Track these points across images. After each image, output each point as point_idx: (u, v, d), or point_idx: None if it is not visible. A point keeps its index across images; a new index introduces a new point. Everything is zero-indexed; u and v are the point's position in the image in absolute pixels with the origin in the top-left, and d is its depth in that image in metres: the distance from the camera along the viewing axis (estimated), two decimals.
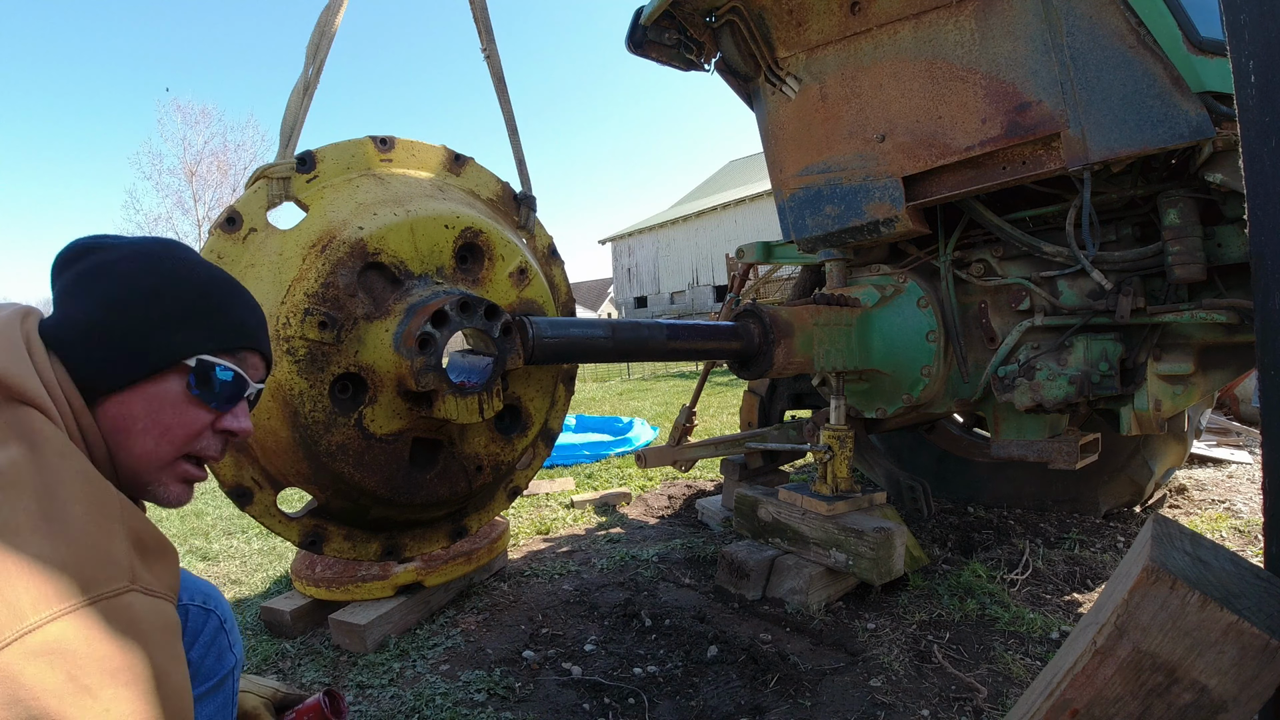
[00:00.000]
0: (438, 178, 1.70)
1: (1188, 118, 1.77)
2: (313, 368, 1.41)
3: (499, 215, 1.81)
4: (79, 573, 0.66)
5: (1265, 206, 0.75)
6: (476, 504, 1.84)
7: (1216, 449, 4.05)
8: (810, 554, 2.41)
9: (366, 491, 1.55)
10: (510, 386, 1.67)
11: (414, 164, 1.69)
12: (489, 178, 1.82)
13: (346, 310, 1.43)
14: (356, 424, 1.46)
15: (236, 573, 3.10)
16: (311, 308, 1.39)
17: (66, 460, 0.72)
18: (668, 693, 1.88)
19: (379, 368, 1.46)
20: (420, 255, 1.52)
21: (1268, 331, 0.79)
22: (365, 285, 1.48)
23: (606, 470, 4.76)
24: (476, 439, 1.67)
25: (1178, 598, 0.74)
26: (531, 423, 1.75)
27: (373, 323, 1.45)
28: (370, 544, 1.68)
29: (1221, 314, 1.94)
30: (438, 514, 1.77)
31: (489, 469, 1.66)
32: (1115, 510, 3.08)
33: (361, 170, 1.61)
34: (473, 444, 1.67)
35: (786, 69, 2.43)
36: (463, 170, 1.76)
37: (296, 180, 1.53)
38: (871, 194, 2.31)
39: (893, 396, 2.53)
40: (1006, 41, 1.98)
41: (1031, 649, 2.00)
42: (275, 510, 1.59)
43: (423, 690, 1.94)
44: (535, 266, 1.74)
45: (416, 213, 1.53)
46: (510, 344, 1.54)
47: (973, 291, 2.47)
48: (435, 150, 1.73)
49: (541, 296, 1.73)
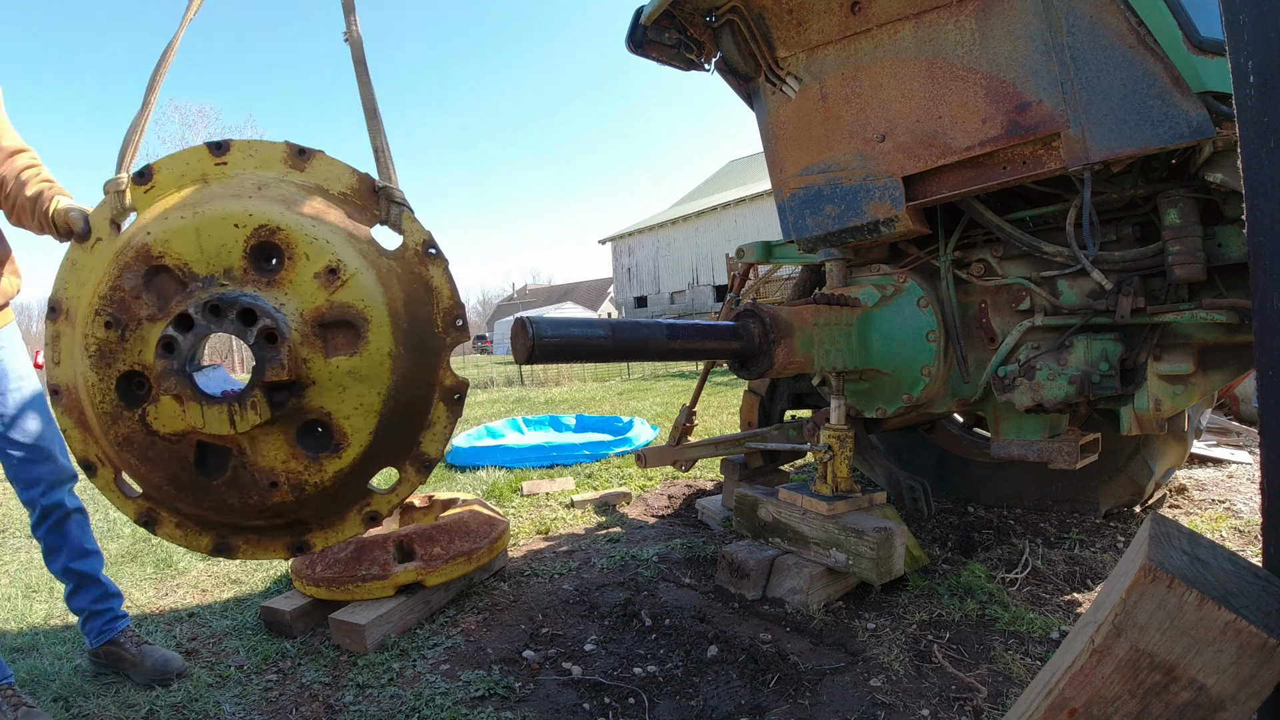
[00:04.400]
0: (276, 174, 1.64)
1: (1188, 118, 1.77)
2: (102, 363, 1.52)
3: (355, 211, 1.63)
4: None
5: (1263, 206, 0.76)
6: (321, 522, 1.67)
7: (1216, 449, 4.05)
8: (810, 554, 2.42)
9: (155, 485, 1.62)
10: (317, 401, 1.48)
11: (251, 164, 1.66)
12: (340, 170, 1.65)
13: (131, 311, 1.51)
14: (140, 419, 1.52)
15: (236, 572, 3.10)
16: (100, 308, 1.52)
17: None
18: (668, 692, 1.89)
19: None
20: (207, 257, 1.52)
21: (1266, 331, 0.79)
22: (153, 288, 1.54)
23: (606, 470, 4.77)
24: (272, 453, 1.53)
25: (1175, 596, 0.74)
26: (346, 444, 1.51)
27: (155, 324, 1.50)
28: (201, 537, 1.71)
29: (1221, 314, 1.94)
30: (260, 523, 1.66)
31: (286, 486, 1.52)
32: (1115, 510, 3.08)
33: (195, 177, 1.66)
34: (267, 457, 1.53)
35: (786, 69, 2.43)
36: (307, 165, 1.65)
37: (135, 191, 1.67)
38: (871, 194, 2.31)
39: (893, 396, 2.53)
40: (1006, 41, 1.98)
41: (1031, 649, 2.01)
42: (114, 486, 1.71)
43: (423, 690, 1.94)
44: (355, 266, 1.49)
45: (204, 214, 1.53)
46: (272, 353, 1.42)
47: (973, 291, 2.47)
48: (276, 147, 1.66)
49: (363, 300, 1.48)
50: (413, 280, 1.60)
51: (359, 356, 1.48)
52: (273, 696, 2.00)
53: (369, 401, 1.50)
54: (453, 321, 1.62)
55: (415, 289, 1.60)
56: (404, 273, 1.59)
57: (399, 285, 1.56)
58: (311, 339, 1.47)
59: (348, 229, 1.56)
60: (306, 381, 1.48)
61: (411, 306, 1.57)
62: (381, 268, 1.55)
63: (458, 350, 10.02)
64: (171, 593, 2.91)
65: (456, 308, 1.62)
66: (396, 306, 1.53)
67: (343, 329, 1.49)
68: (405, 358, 1.53)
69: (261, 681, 2.09)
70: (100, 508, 4.67)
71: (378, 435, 1.52)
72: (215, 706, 1.96)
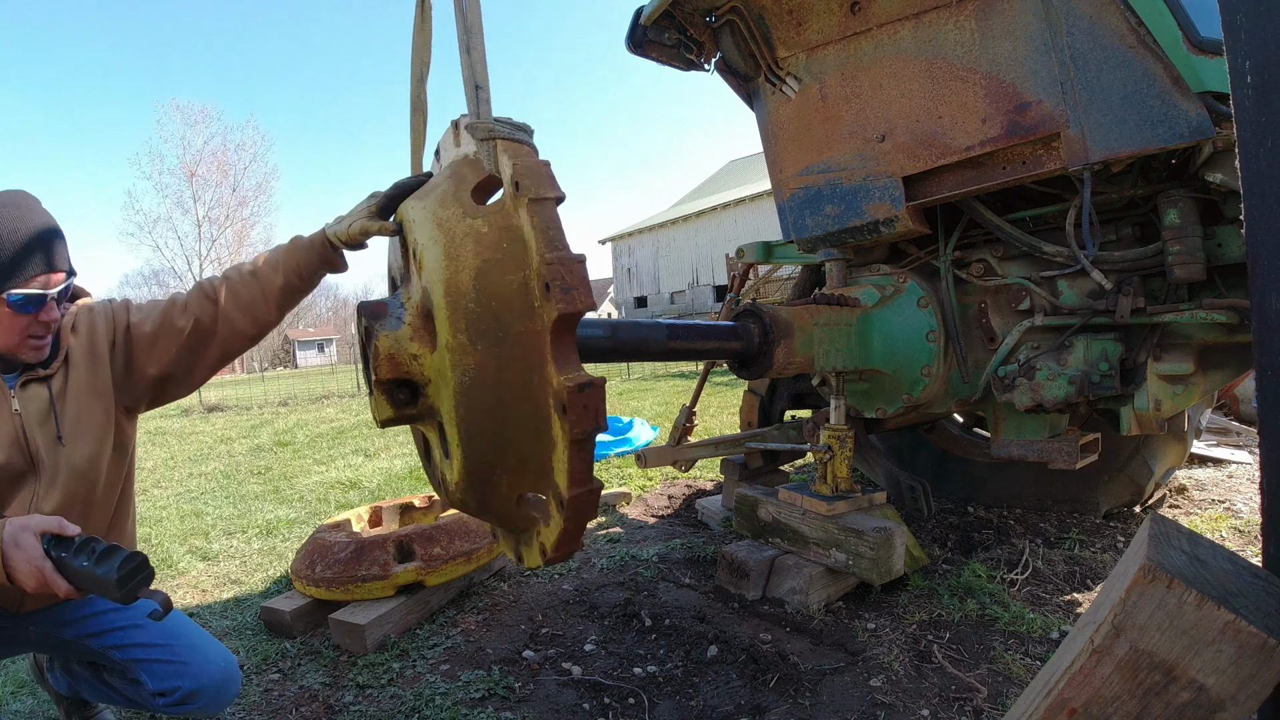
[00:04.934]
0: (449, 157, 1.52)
1: (1188, 118, 1.77)
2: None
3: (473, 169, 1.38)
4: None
5: (1261, 206, 0.76)
6: (522, 537, 1.44)
7: (1216, 449, 4.04)
8: (810, 554, 2.42)
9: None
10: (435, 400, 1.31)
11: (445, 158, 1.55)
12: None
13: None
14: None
15: (236, 573, 3.11)
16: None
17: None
18: (668, 693, 1.89)
19: None
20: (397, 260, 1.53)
21: (1265, 331, 0.79)
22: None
23: (606, 470, 4.77)
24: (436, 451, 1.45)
25: (1175, 596, 0.74)
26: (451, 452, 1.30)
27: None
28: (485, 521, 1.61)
29: (1221, 314, 1.94)
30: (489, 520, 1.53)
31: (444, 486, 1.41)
32: (1115, 510, 3.08)
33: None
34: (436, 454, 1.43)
35: (786, 69, 2.43)
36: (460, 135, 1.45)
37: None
38: (871, 194, 2.31)
39: (893, 396, 2.53)
40: (1006, 41, 1.98)
41: (1031, 649, 2.01)
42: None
43: (423, 690, 1.94)
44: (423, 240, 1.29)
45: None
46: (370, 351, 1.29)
47: (973, 291, 2.47)
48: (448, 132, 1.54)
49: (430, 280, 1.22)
50: (501, 239, 1.21)
51: (436, 350, 1.22)
52: (272, 697, 2.00)
53: (448, 406, 1.21)
54: (544, 287, 1.12)
55: (502, 251, 1.20)
56: (491, 231, 1.21)
57: (474, 252, 1.20)
58: (421, 333, 1.25)
59: (443, 197, 1.31)
60: (422, 379, 1.27)
61: (485, 277, 1.18)
62: (458, 234, 1.22)
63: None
64: (171, 593, 2.91)
65: (546, 266, 1.10)
66: (460, 281, 1.18)
67: (430, 319, 1.24)
68: (470, 349, 1.17)
69: (261, 682, 2.09)
70: None
71: (467, 446, 1.22)
72: None
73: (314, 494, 4.66)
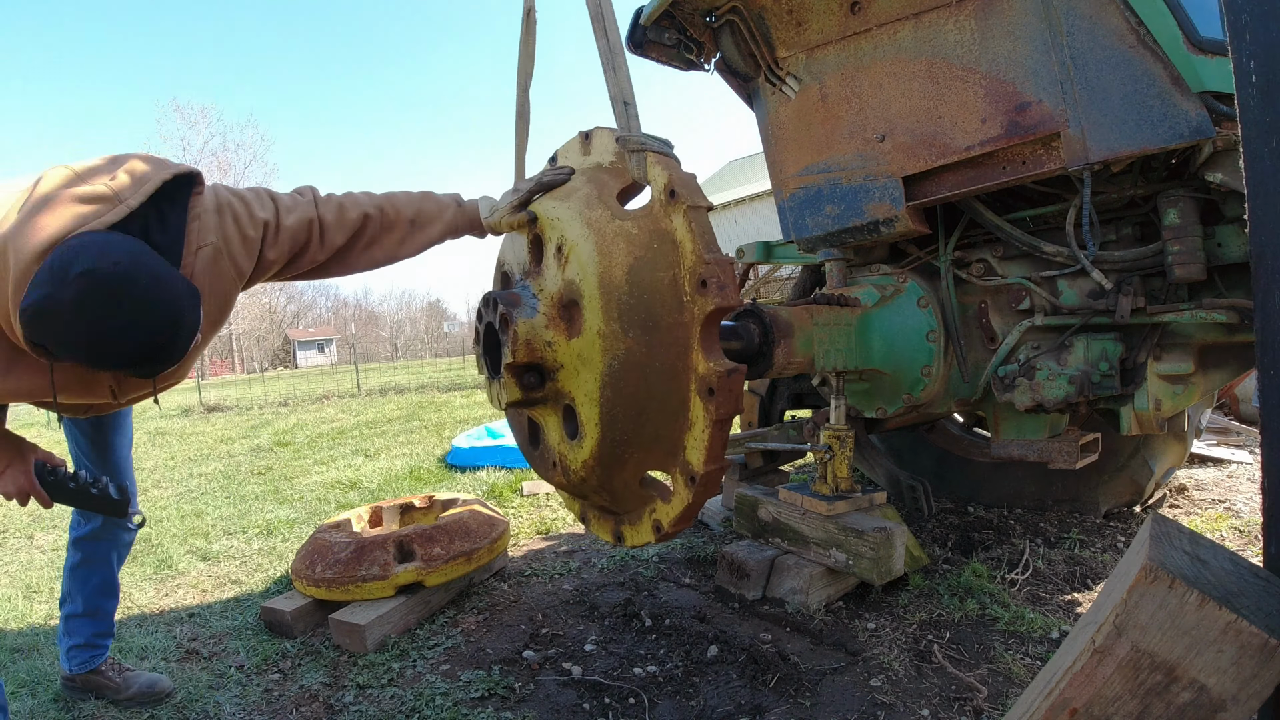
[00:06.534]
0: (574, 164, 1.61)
1: (1188, 118, 1.77)
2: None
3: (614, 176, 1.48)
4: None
5: (1265, 206, 0.75)
6: (628, 517, 1.54)
7: (1216, 449, 4.05)
8: (810, 554, 2.42)
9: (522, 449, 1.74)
10: (566, 385, 1.39)
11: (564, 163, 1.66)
12: (607, 139, 1.52)
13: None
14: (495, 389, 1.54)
15: (236, 573, 3.10)
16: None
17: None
18: (668, 693, 1.88)
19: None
20: (518, 259, 1.59)
21: (1267, 331, 0.79)
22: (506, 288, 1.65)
23: None
24: (553, 434, 1.52)
25: (1176, 597, 0.74)
26: (583, 432, 1.38)
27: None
28: (575, 504, 1.75)
29: (1222, 314, 1.94)
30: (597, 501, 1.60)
31: (559, 468, 1.51)
32: (1115, 510, 3.08)
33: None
34: (551, 437, 1.54)
35: (786, 69, 2.43)
36: (590, 145, 1.57)
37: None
38: (871, 194, 2.31)
39: (893, 396, 2.53)
40: (1006, 41, 1.98)
41: (1031, 649, 2.00)
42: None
43: (423, 690, 1.94)
44: (574, 238, 1.34)
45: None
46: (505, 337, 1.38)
47: (973, 291, 2.47)
48: (573, 141, 1.64)
49: (580, 273, 1.31)
50: (652, 240, 1.32)
51: (581, 337, 1.32)
52: (273, 697, 2.00)
53: (590, 388, 1.31)
54: (700, 284, 1.25)
55: (653, 250, 1.31)
56: (641, 233, 1.33)
57: (626, 250, 1.31)
58: (556, 321, 1.37)
59: (587, 200, 1.41)
60: (553, 364, 1.38)
61: (639, 273, 1.29)
62: (608, 234, 1.32)
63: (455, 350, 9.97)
64: (172, 593, 2.91)
65: (701, 265, 1.24)
66: (612, 275, 1.29)
67: (574, 309, 1.35)
68: (623, 336, 1.28)
69: (261, 682, 2.09)
70: None
71: (606, 427, 1.32)
72: (215, 706, 1.96)
73: (314, 494, 4.66)
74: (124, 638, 2.43)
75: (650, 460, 1.41)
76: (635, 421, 1.32)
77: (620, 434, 1.33)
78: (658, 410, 1.32)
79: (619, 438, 1.34)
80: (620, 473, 1.42)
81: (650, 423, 1.33)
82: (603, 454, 1.36)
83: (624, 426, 1.33)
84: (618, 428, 1.33)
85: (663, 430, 1.34)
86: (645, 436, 1.34)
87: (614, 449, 1.36)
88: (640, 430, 1.34)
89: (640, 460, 1.40)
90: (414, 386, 14.80)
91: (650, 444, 1.36)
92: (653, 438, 1.35)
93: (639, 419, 1.32)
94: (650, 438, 1.35)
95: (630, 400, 1.31)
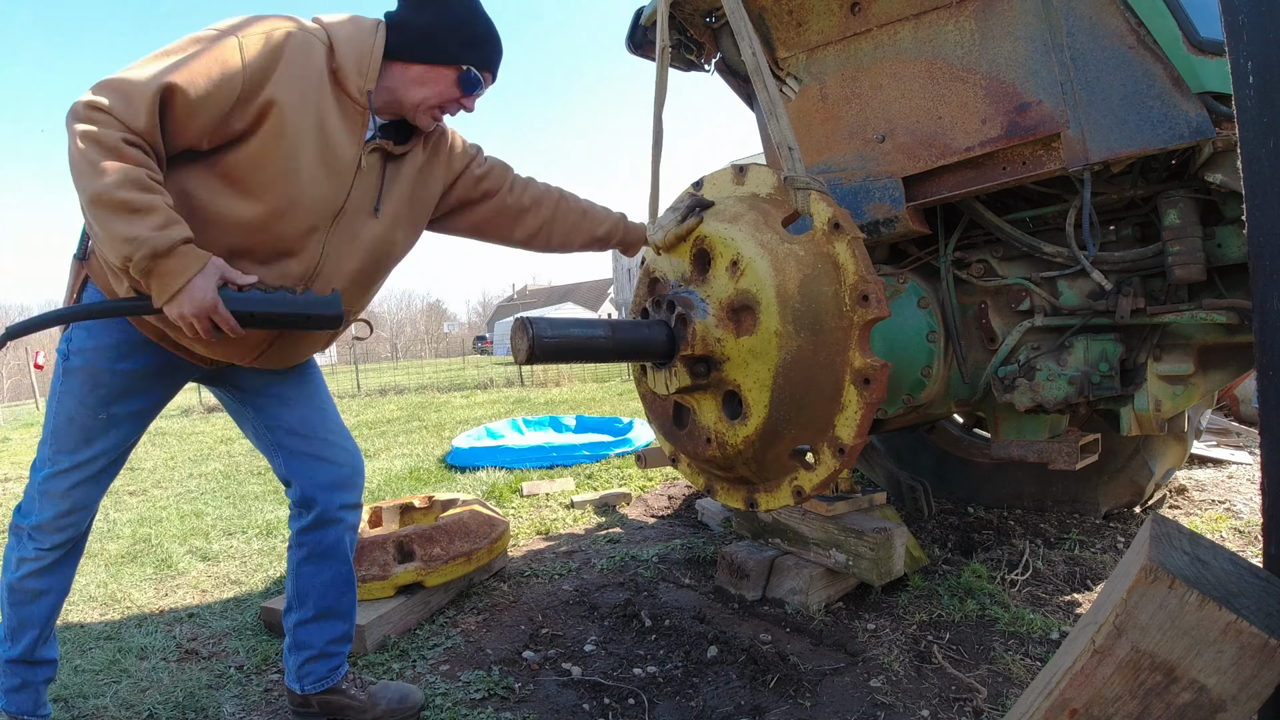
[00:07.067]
0: (726, 193, 1.91)
1: (1188, 118, 1.77)
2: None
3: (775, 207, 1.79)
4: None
5: (1263, 207, 0.76)
6: (764, 485, 1.84)
7: (1216, 449, 4.05)
8: (810, 554, 2.42)
9: (662, 433, 2.05)
10: (731, 374, 1.69)
11: (714, 191, 1.95)
12: (766, 175, 1.85)
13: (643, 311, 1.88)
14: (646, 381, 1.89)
15: (236, 573, 3.10)
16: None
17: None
18: (668, 693, 1.88)
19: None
20: (673, 268, 1.90)
21: (1266, 332, 0.79)
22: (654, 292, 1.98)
23: (606, 470, 4.77)
24: (708, 415, 1.80)
25: (1176, 597, 0.74)
26: (749, 413, 1.68)
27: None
28: (699, 477, 2.00)
29: (1221, 314, 1.94)
30: (723, 474, 1.91)
31: (715, 443, 1.78)
32: (1115, 511, 3.08)
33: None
34: (706, 418, 1.81)
35: (786, 69, 2.43)
36: (745, 178, 1.89)
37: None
38: (871, 194, 2.31)
39: (893, 397, 2.53)
40: (1006, 42, 1.98)
41: (1031, 649, 2.01)
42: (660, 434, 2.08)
43: (423, 690, 1.94)
44: (750, 256, 1.65)
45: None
46: (684, 332, 1.69)
47: (973, 292, 2.47)
48: (726, 171, 1.93)
49: (757, 284, 1.63)
50: (817, 261, 1.66)
51: (755, 335, 1.63)
52: (272, 697, 2.00)
53: (762, 377, 1.63)
54: (860, 297, 1.59)
55: (818, 269, 1.65)
56: (807, 255, 1.66)
57: (796, 268, 1.64)
58: (725, 321, 1.67)
59: (755, 225, 1.73)
60: (721, 357, 1.69)
61: (808, 286, 1.63)
62: (780, 254, 1.66)
63: (455, 350, 9.97)
64: (171, 593, 2.91)
65: (862, 283, 1.58)
66: (787, 288, 1.62)
67: (746, 312, 1.66)
68: (795, 336, 1.60)
69: (261, 681, 2.09)
70: (100, 508, 4.67)
71: (773, 409, 1.64)
72: (215, 706, 1.96)
73: None
74: (124, 638, 2.43)
75: (802, 437, 1.70)
76: (797, 404, 1.65)
77: (784, 413, 1.66)
78: (816, 396, 1.64)
79: (783, 416, 1.66)
80: (774, 447, 1.72)
81: (808, 406, 1.65)
82: (765, 431, 1.67)
83: (788, 408, 1.65)
84: (782, 409, 1.65)
85: (818, 412, 1.66)
86: (801, 417, 1.67)
87: (775, 427, 1.67)
88: (799, 412, 1.66)
89: (794, 437, 1.70)
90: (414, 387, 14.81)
91: (806, 422, 1.67)
92: (809, 417, 1.67)
93: (800, 402, 1.65)
94: (807, 417, 1.67)
95: (795, 387, 1.63)
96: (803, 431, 1.69)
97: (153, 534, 3.84)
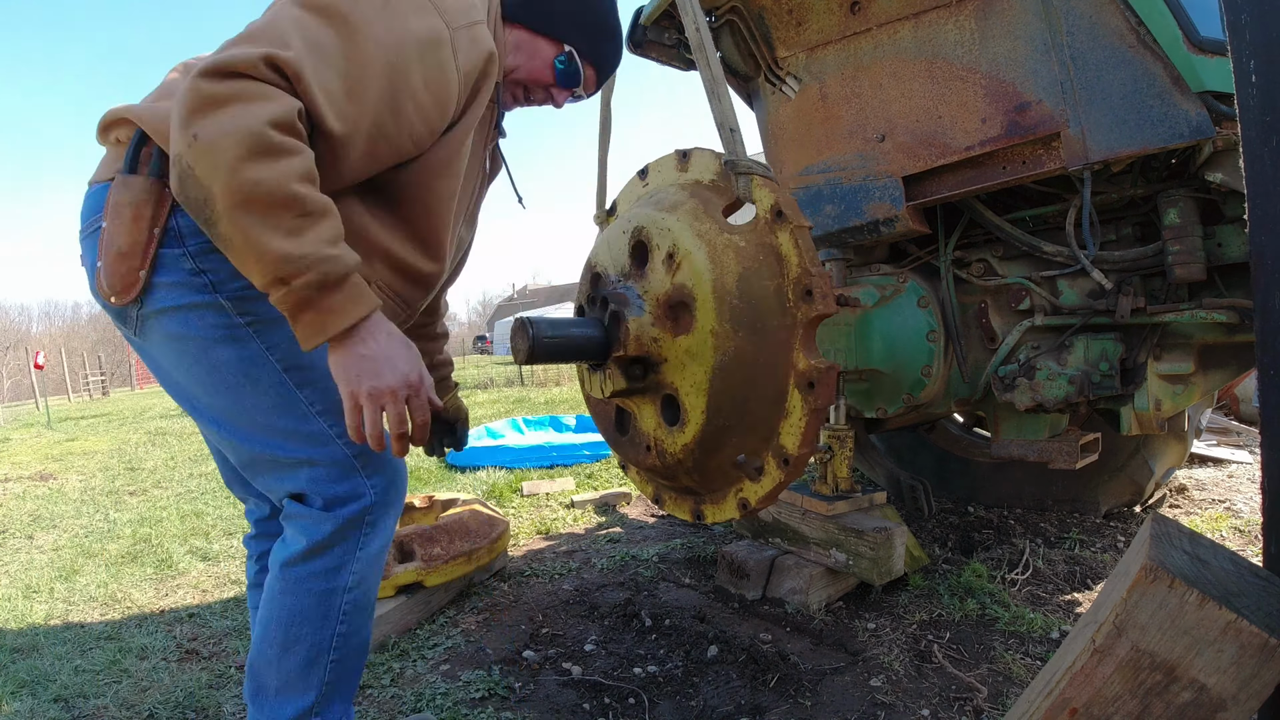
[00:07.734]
0: (670, 179, 1.77)
1: (1188, 117, 1.77)
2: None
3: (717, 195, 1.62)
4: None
5: (1265, 206, 0.75)
6: (709, 496, 1.70)
7: (1216, 449, 4.05)
8: (810, 554, 2.42)
9: (606, 437, 1.92)
10: (669, 377, 1.55)
11: (659, 178, 1.82)
12: (709, 160, 1.68)
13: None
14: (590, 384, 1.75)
15: (236, 573, 3.10)
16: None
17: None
18: (668, 693, 1.88)
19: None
20: (614, 261, 1.73)
21: (1267, 331, 0.79)
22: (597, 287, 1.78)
23: (606, 470, 4.77)
24: (648, 420, 1.68)
25: (1176, 596, 0.74)
26: (687, 419, 1.54)
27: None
28: (648, 485, 1.91)
29: (1222, 314, 1.94)
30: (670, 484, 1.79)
31: (654, 451, 1.66)
32: (1115, 510, 3.08)
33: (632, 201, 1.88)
34: (645, 423, 1.69)
35: (786, 69, 2.43)
36: (688, 163, 1.74)
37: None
38: (871, 194, 2.31)
39: (893, 396, 2.53)
40: (1006, 41, 1.98)
41: (1032, 649, 2.00)
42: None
43: (423, 690, 1.94)
44: (687, 248, 1.51)
45: (611, 231, 1.76)
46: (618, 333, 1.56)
47: (973, 291, 2.47)
48: (669, 157, 1.79)
49: (692, 279, 1.48)
50: (758, 252, 1.49)
51: (691, 335, 1.50)
52: None
53: (699, 379, 1.50)
54: (804, 292, 1.42)
55: (759, 261, 1.49)
56: (748, 245, 1.50)
57: (735, 260, 1.49)
58: (662, 320, 1.54)
59: (694, 213, 1.57)
60: (658, 358, 1.56)
61: (747, 281, 1.47)
62: (718, 245, 1.50)
63: (455, 350, 10.01)
64: (172, 593, 2.91)
65: (806, 276, 1.41)
66: (725, 282, 1.47)
67: (683, 309, 1.52)
68: (733, 335, 1.46)
69: None
70: (100, 509, 4.67)
71: (711, 414, 1.51)
72: (215, 706, 1.96)
73: None
74: (124, 638, 2.43)
75: (744, 445, 1.55)
76: (737, 410, 1.51)
77: (723, 421, 1.52)
78: (758, 401, 1.49)
79: (722, 422, 1.52)
80: (716, 456, 1.58)
81: (750, 411, 1.51)
82: (704, 438, 1.54)
83: (727, 414, 1.51)
84: (721, 415, 1.51)
85: (761, 418, 1.51)
86: (746, 422, 1.52)
87: (715, 434, 1.53)
88: (740, 418, 1.52)
89: (736, 445, 1.55)
90: None
91: (749, 430, 1.53)
92: (751, 424, 1.52)
93: (741, 407, 1.51)
94: (750, 423, 1.52)
95: (735, 391, 1.49)
96: (745, 439, 1.55)
97: (153, 534, 3.84)
